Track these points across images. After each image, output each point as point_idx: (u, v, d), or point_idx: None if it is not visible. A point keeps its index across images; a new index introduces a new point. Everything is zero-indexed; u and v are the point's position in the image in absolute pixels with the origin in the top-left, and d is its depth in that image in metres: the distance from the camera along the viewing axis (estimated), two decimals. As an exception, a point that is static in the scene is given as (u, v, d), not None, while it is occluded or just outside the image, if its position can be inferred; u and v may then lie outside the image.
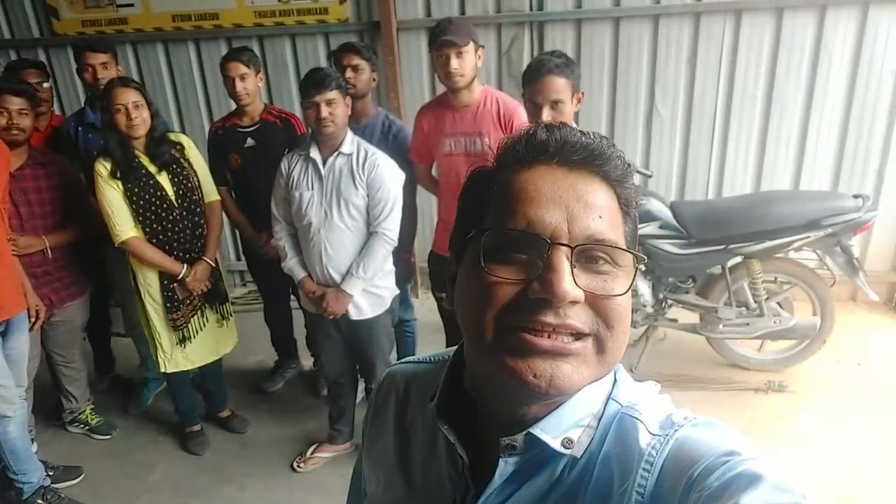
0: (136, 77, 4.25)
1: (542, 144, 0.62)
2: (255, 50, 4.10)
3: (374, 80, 2.94)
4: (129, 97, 2.56)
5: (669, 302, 3.31)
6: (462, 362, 0.71)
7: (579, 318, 0.58)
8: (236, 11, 4.06)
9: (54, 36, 4.21)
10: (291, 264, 2.67)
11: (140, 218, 2.69)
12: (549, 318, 0.57)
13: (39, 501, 2.72)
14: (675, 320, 3.38)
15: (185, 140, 2.83)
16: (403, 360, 0.89)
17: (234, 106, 3.10)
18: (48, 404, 3.31)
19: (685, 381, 3.33)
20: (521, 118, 2.45)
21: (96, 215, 2.78)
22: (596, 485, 0.61)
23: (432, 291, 3.02)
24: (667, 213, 3.17)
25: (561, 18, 3.77)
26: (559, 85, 2.06)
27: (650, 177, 3.54)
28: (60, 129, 3.17)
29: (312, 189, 2.52)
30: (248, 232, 3.21)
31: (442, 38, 2.46)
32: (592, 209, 0.60)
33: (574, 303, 0.57)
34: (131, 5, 4.11)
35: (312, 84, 2.39)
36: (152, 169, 2.69)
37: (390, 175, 2.51)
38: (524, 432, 0.62)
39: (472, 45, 2.52)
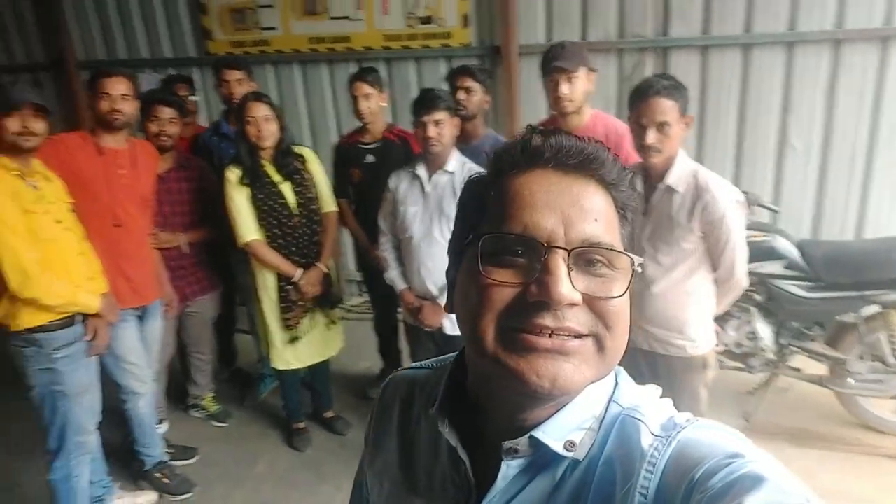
0: (274, 94, 4.61)
1: (537, 150, 0.63)
2: (383, 72, 4.34)
3: (486, 102, 3.00)
4: (261, 111, 2.79)
5: (793, 349, 3.06)
6: (464, 367, 0.72)
7: (578, 319, 0.59)
8: (367, 34, 4.30)
9: (207, 55, 4.66)
10: (393, 275, 2.77)
11: (262, 223, 2.90)
12: (548, 321, 0.58)
13: (157, 475, 2.97)
14: (798, 370, 3.10)
15: (307, 153, 3.03)
16: (406, 367, 0.90)
17: (359, 123, 3.28)
18: (177, 389, 3.62)
19: (807, 438, 3.06)
20: (630, 143, 2.40)
21: (226, 218, 3.03)
22: (598, 486, 0.61)
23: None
24: (794, 253, 2.94)
25: (686, 45, 3.65)
26: (666, 107, 2.00)
27: (777, 212, 3.31)
28: (200, 138, 3.50)
29: (417, 204, 2.61)
30: (364, 242, 3.36)
31: (553, 64, 2.47)
32: (588, 213, 0.61)
33: (572, 305, 0.58)
34: (274, 28, 4.47)
35: (422, 104, 2.49)
36: (277, 178, 2.90)
37: None
38: (527, 436, 0.63)
39: (582, 70, 2.51)
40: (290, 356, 3.09)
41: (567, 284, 0.57)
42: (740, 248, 2.13)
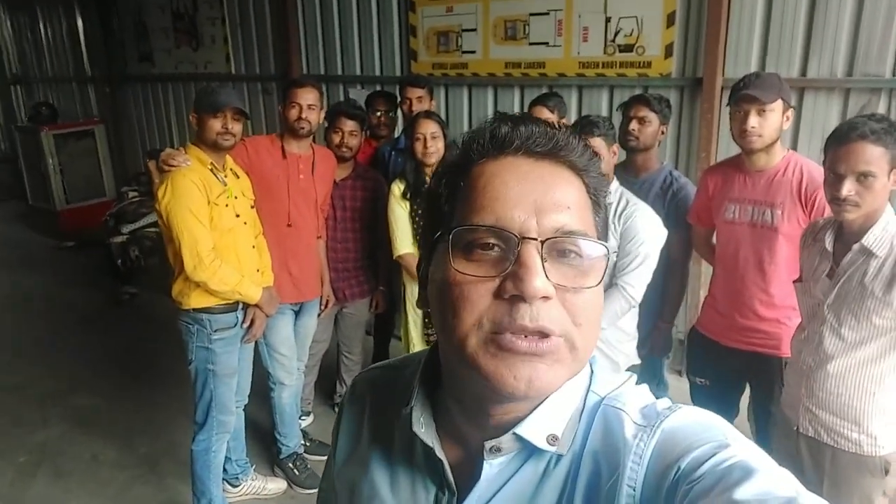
0: (465, 115, 4.72)
1: (506, 137, 0.62)
2: (573, 99, 4.23)
3: (662, 132, 2.74)
4: (429, 128, 2.83)
5: None
6: (435, 364, 0.70)
7: (550, 317, 0.57)
8: (562, 61, 4.21)
9: (411, 75, 4.90)
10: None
11: (417, 237, 2.94)
12: (525, 321, 0.56)
13: (290, 465, 3.13)
14: None
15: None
16: (370, 366, 0.88)
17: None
18: (329, 383, 3.82)
19: None
20: (825, 193, 2.02)
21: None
22: (584, 478, 0.61)
23: (687, 374, 2.66)
24: None
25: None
26: (872, 155, 1.63)
27: None
28: (378, 152, 3.66)
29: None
30: None
31: (743, 92, 2.18)
32: (560, 201, 0.59)
33: (546, 299, 0.56)
34: (474, 52, 4.56)
35: (575, 129, 2.33)
36: (437, 195, 2.92)
37: (647, 229, 2.31)
38: (510, 433, 0.62)
39: (779, 103, 2.17)
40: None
41: (542, 276, 0.56)
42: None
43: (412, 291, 3.04)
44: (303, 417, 3.58)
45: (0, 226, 8.11)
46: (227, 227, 2.45)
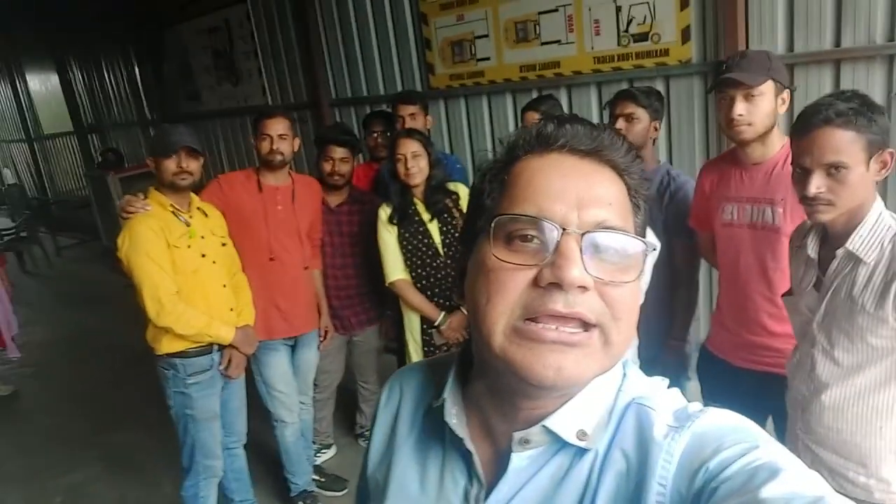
0: (487, 125, 4.53)
1: (551, 135, 0.63)
2: (593, 96, 3.97)
3: (655, 129, 2.44)
4: (409, 148, 2.67)
5: None
6: (469, 359, 0.71)
7: (588, 305, 0.57)
8: (577, 58, 3.95)
9: (430, 89, 4.77)
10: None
11: (407, 262, 2.78)
12: (559, 307, 0.56)
13: (300, 503, 3.04)
14: None
15: (462, 190, 2.83)
16: (409, 365, 0.89)
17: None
18: (351, 415, 3.71)
19: None
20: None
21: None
22: (610, 475, 0.61)
23: (701, 398, 2.34)
24: None
25: None
26: (841, 141, 1.32)
27: None
28: (380, 173, 3.52)
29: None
30: None
31: (725, 76, 1.89)
32: (602, 197, 0.60)
33: (583, 289, 0.57)
34: (488, 59, 4.38)
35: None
36: (425, 216, 2.76)
37: None
38: (539, 426, 0.63)
39: (769, 84, 1.87)
40: (433, 402, 2.92)
41: (580, 266, 0.57)
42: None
43: (408, 321, 2.89)
44: (323, 451, 3.50)
45: (78, 265, 8.67)
46: (191, 268, 2.40)
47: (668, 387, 0.68)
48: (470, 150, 4.61)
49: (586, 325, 0.57)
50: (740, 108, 1.87)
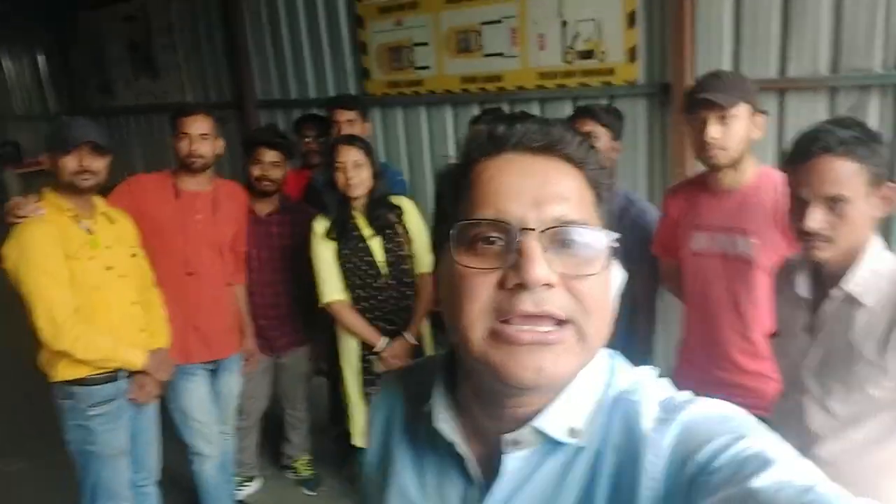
0: (426, 136, 4.35)
1: (503, 135, 0.64)
2: (536, 114, 3.86)
3: (615, 149, 2.34)
4: (351, 156, 2.46)
5: None
6: (455, 362, 0.71)
7: (556, 302, 0.57)
8: (520, 72, 3.84)
9: (365, 95, 4.54)
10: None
11: (346, 282, 2.56)
12: (529, 306, 0.57)
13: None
14: None
15: (406, 204, 2.63)
16: (399, 367, 0.90)
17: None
18: (277, 443, 3.41)
19: None
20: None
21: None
22: (606, 472, 0.61)
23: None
24: None
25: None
26: (843, 173, 1.23)
27: None
28: (312, 182, 3.27)
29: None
30: None
31: (698, 96, 1.79)
32: (558, 193, 0.61)
33: (549, 286, 0.57)
34: (428, 67, 4.21)
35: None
36: (366, 232, 2.55)
37: None
38: (528, 426, 0.63)
39: (744, 107, 1.78)
40: (370, 434, 2.69)
41: (542, 264, 0.56)
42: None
43: (345, 345, 2.65)
44: (246, 484, 3.19)
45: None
46: (93, 283, 2.08)
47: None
48: (408, 161, 4.41)
49: (559, 322, 0.57)
50: (714, 130, 1.78)
